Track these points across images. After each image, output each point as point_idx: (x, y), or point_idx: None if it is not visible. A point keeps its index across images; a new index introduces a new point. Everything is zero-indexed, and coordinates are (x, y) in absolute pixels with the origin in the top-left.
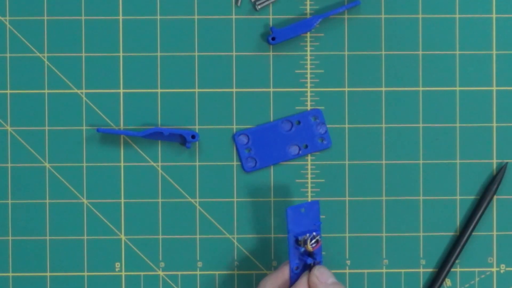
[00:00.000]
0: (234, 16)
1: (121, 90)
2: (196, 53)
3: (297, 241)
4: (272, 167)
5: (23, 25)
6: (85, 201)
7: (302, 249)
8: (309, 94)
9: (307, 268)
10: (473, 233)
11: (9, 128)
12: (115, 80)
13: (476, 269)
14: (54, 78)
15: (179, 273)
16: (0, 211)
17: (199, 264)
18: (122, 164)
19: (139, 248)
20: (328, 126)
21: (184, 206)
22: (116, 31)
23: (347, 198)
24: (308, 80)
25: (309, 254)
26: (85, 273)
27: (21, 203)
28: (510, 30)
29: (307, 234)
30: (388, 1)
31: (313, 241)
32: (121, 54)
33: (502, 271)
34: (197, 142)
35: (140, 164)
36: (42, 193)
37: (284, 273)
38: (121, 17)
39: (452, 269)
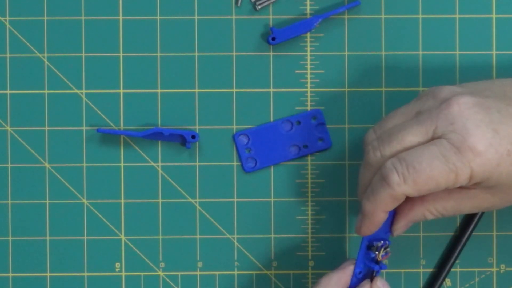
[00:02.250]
0: (234, 16)
1: (121, 90)
2: (196, 53)
3: (370, 246)
4: (272, 167)
5: (23, 25)
6: (85, 201)
7: (373, 255)
8: (309, 94)
9: (369, 275)
10: (473, 233)
11: (9, 128)
12: (115, 80)
13: (476, 269)
14: (54, 78)
15: (179, 273)
16: (0, 211)
17: (199, 264)
18: (122, 164)
19: (139, 248)
20: (328, 126)
21: (184, 206)
22: (116, 31)
23: (347, 198)
24: (308, 80)
25: (376, 261)
26: (85, 273)
27: (21, 203)
28: (510, 30)
29: (381, 242)
30: (388, 1)
31: (385, 251)
32: (121, 54)
33: (502, 271)
34: (197, 142)
35: (140, 164)
36: (42, 193)
37: (347, 274)
38: (121, 17)
39: (452, 269)
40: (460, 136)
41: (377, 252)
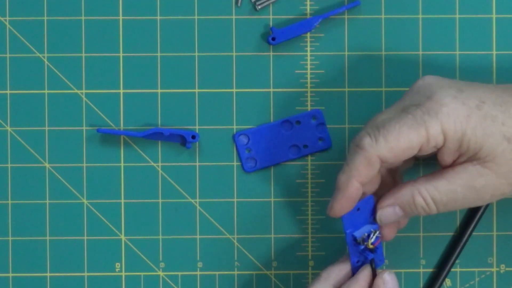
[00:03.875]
0: (234, 16)
1: (121, 90)
2: (196, 53)
3: (355, 240)
4: (272, 167)
5: (23, 25)
6: (85, 201)
7: (362, 247)
8: (309, 94)
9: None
10: (473, 233)
11: (9, 128)
12: (115, 80)
13: (476, 269)
14: (54, 78)
15: (179, 273)
16: (0, 211)
17: (199, 264)
18: (122, 164)
19: (139, 248)
20: (328, 126)
21: (184, 206)
22: (116, 31)
23: None
24: (308, 80)
25: (370, 249)
26: (85, 273)
27: (21, 203)
28: (510, 30)
29: (365, 233)
30: (388, 1)
31: (372, 238)
32: (121, 54)
33: (502, 271)
34: (197, 142)
35: (140, 164)
36: (42, 193)
37: (346, 265)
38: (121, 17)
39: (452, 269)
40: (425, 97)
41: (365, 243)
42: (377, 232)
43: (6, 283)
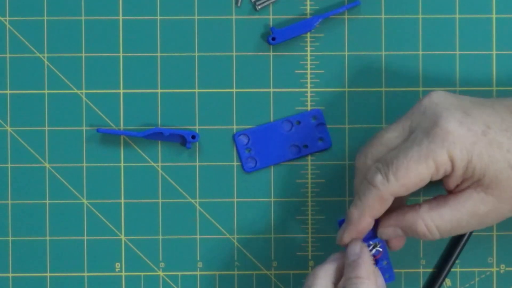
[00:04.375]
0: (234, 16)
1: (121, 90)
2: (196, 53)
3: None
4: (272, 167)
5: (23, 25)
6: (85, 201)
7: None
8: (309, 94)
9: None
10: (473, 233)
11: (9, 128)
12: (115, 80)
13: (476, 269)
14: (54, 78)
15: (179, 273)
16: (0, 211)
17: (199, 264)
18: (122, 164)
19: (139, 248)
20: (328, 126)
21: (184, 206)
22: (116, 31)
23: (347, 198)
24: (308, 80)
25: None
26: (85, 273)
27: (21, 203)
28: (510, 30)
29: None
30: (388, 1)
31: (373, 251)
32: (121, 54)
33: (502, 271)
34: (197, 142)
35: (140, 164)
36: (42, 193)
37: (333, 263)
38: (121, 17)
39: (452, 269)
40: (430, 121)
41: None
42: (379, 245)
43: (6, 283)
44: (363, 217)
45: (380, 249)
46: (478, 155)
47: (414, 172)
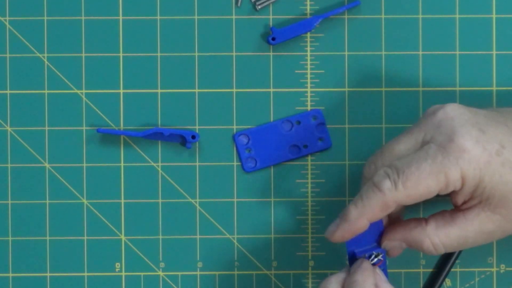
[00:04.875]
0: (234, 16)
1: (121, 90)
2: (196, 53)
3: (355, 257)
4: (272, 167)
5: (23, 25)
6: (85, 201)
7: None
8: (309, 94)
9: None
10: None
11: (9, 128)
12: (115, 80)
13: (476, 269)
14: (54, 78)
15: (179, 273)
16: (0, 211)
17: (199, 264)
18: (122, 164)
19: (139, 248)
20: (328, 126)
21: (184, 206)
22: (116, 31)
23: (347, 198)
24: (308, 80)
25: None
26: (85, 273)
27: (21, 203)
28: (510, 30)
29: (365, 254)
30: (388, 1)
31: (374, 260)
32: (121, 54)
33: (502, 271)
34: (197, 142)
35: (140, 164)
36: (42, 193)
37: (345, 273)
38: (121, 17)
39: (452, 269)
40: (446, 136)
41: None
42: (380, 255)
43: (6, 283)
44: (361, 218)
45: (381, 259)
46: (490, 176)
47: (424, 185)
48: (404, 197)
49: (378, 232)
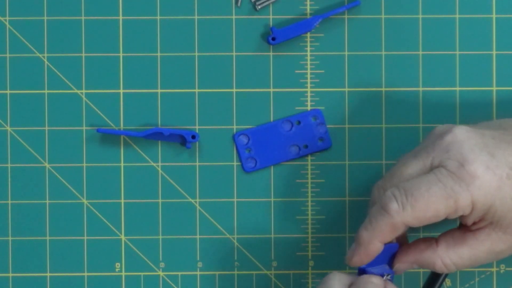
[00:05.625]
0: (234, 16)
1: (121, 90)
2: (196, 53)
3: (363, 272)
4: (272, 167)
5: (23, 25)
6: (85, 201)
7: None
8: (309, 94)
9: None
10: None
11: (9, 128)
12: (115, 80)
13: (476, 269)
14: (54, 78)
15: (179, 273)
16: (0, 211)
17: (199, 264)
18: (122, 164)
19: (139, 248)
20: (328, 126)
21: (184, 206)
22: (116, 31)
23: (347, 198)
24: (308, 80)
25: None
26: (85, 273)
27: (21, 203)
28: (510, 30)
29: (376, 274)
30: (388, 1)
31: (384, 278)
32: (121, 54)
33: (502, 271)
34: (197, 142)
35: (140, 164)
36: (42, 193)
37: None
38: (121, 17)
39: None
40: (456, 162)
41: None
42: (389, 276)
43: (6, 283)
44: (373, 241)
45: (390, 279)
46: (501, 200)
47: (432, 208)
48: (412, 219)
49: (391, 253)
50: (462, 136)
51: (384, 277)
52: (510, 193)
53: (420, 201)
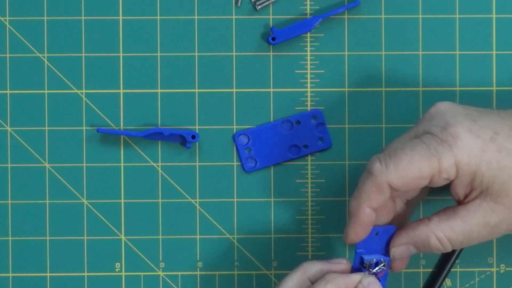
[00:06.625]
0: (234, 16)
1: (121, 90)
2: (196, 53)
3: (362, 263)
4: (272, 167)
5: (23, 25)
6: (85, 201)
7: (366, 271)
8: (309, 94)
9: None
10: None
11: (9, 128)
12: (115, 80)
13: (476, 269)
14: (54, 78)
15: (179, 273)
16: (0, 211)
17: (199, 264)
18: (122, 164)
19: (139, 248)
20: (328, 126)
21: (184, 206)
22: (116, 31)
23: (347, 198)
24: (308, 80)
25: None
26: (85, 273)
27: (21, 203)
28: (510, 30)
29: (374, 260)
30: (388, 1)
31: (377, 268)
32: (121, 54)
33: (502, 271)
34: (197, 142)
35: (140, 164)
36: (42, 193)
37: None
38: (121, 17)
39: (452, 269)
40: (439, 127)
41: (370, 270)
42: (385, 264)
43: (6, 283)
44: (361, 207)
45: (384, 268)
46: (487, 163)
47: (415, 167)
48: (395, 178)
49: (388, 238)
50: (445, 107)
51: (378, 267)
52: (495, 156)
53: (404, 159)
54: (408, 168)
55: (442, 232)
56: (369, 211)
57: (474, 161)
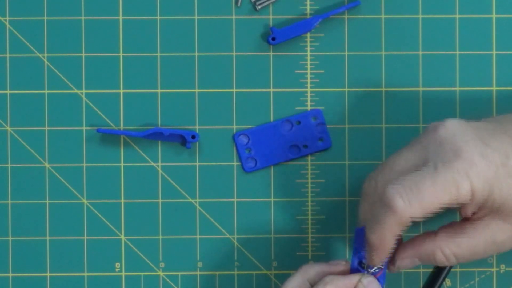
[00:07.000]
0: (234, 16)
1: (121, 90)
2: (196, 53)
3: (360, 263)
4: (272, 167)
5: (23, 25)
6: (85, 201)
7: (364, 271)
8: (309, 94)
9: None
10: None
11: (9, 128)
12: (115, 80)
13: (476, 269)
14: (54, 78)
15: (179, 273)
16: (0, 211)
17: (199, 264)
18: (122, 164)
19: (139, 248)
20: (328, 126)
21: (184, 206)
22: (116, 31)
23: (347, 198)
24: (308, 80)
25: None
26: (85, 273)
27: (21, 203)
28: (510, 30)
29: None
30: (388, 1)
31: (375, 268)
32: (121, 54)
33: (502, 271)
34: (197, 142)
35: (140, 164)
36: (42, 193)
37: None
38: (121, 17)
39: (452, 269)
40: (451, 153)
41: (368, 270)
42: (382, 264)
43: (6, 283)
44: (386, 241)
45: (382, 267)
46: (499, 187)
47: (439, 200)
48: (418, 213)
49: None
50: (454, 128)
51: (376, 267)
52: (507, 181)
53: (427, 196)
54: (431, 202)
55: (449, 248)
56: (392, 241)
57: (487, 187)
